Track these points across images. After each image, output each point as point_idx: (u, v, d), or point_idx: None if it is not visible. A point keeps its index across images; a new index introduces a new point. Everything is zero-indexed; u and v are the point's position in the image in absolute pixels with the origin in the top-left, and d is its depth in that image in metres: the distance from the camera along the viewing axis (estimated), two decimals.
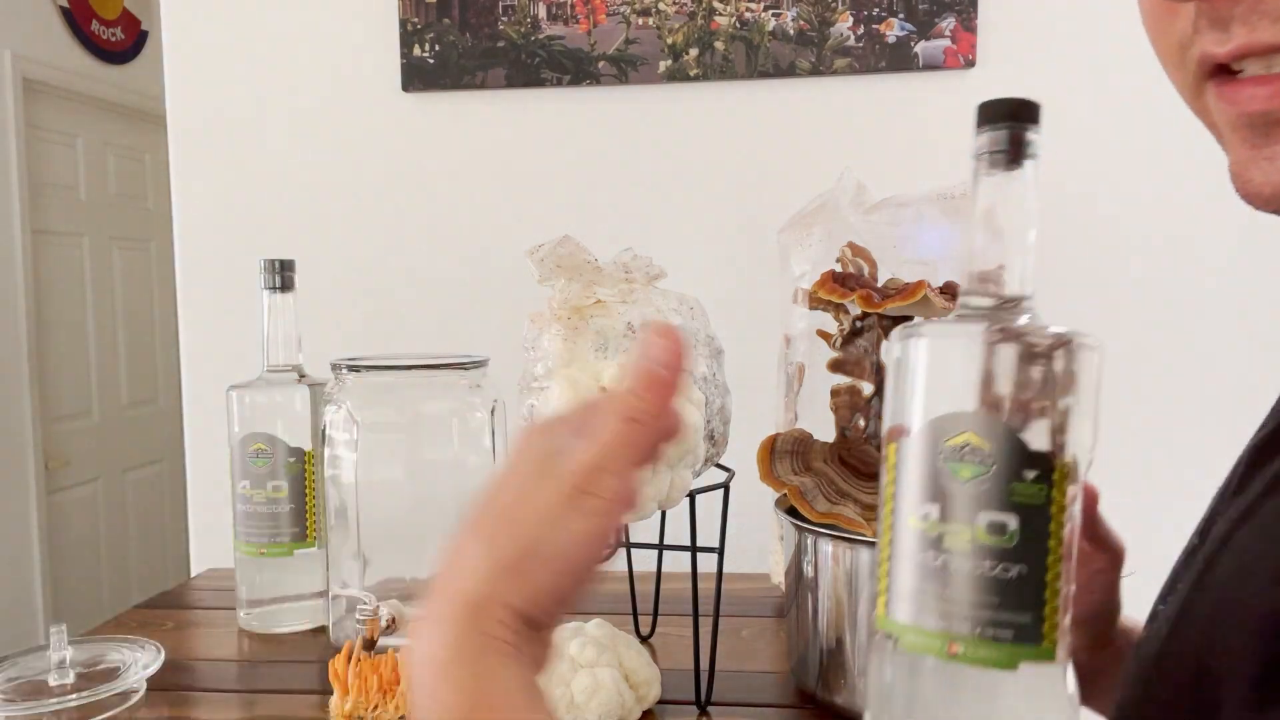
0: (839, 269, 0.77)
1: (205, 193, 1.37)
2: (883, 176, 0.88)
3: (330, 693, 0.77)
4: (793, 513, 0.76)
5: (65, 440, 2.82)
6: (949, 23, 1.22)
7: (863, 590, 0.71)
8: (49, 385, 2.75)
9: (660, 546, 0.84)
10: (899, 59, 1.23)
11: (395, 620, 0.84)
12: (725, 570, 0.76)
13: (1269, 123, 0.32)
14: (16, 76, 2.60)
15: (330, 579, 0.96)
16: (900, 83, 1.25)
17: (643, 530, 0.92)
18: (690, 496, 0.69)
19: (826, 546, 0.73)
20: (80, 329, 2.89)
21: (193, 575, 1.29)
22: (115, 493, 3.04)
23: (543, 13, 1.27)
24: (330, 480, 0.94)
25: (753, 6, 1.24)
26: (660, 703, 0.77)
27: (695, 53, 1.26)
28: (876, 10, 1.23)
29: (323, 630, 1.00)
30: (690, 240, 1.29)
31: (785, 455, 0.77)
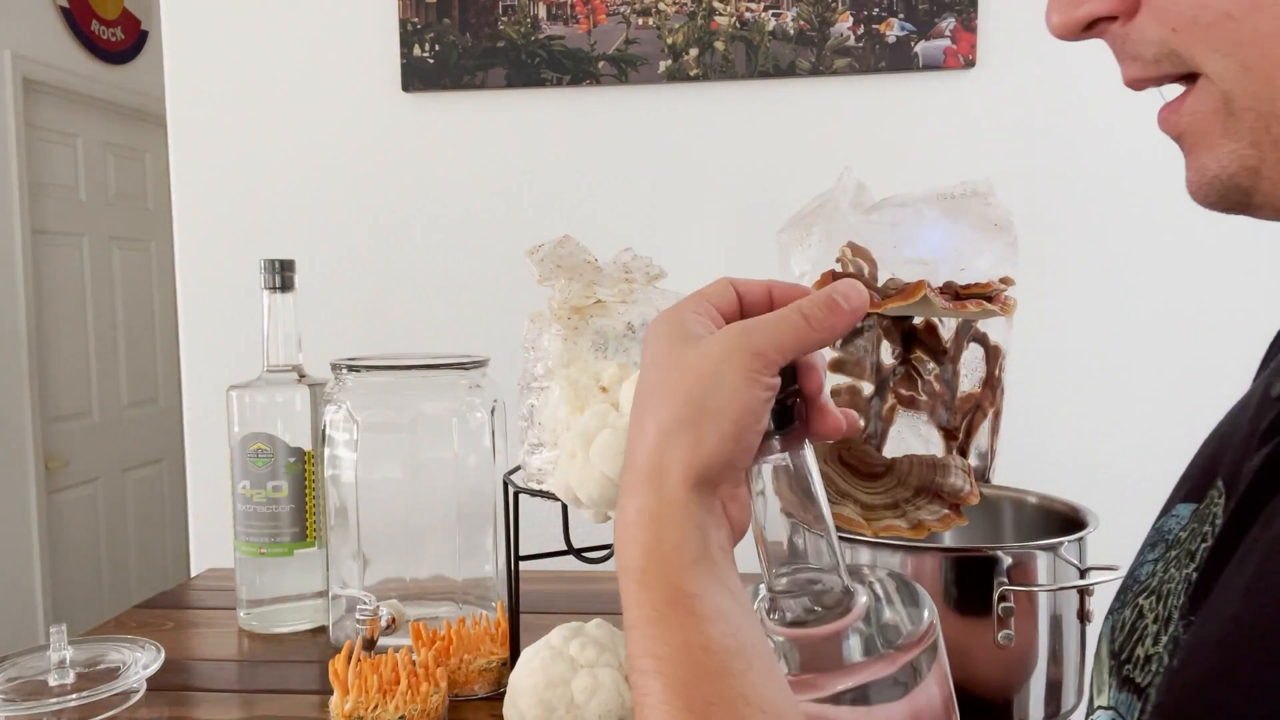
0: (839, 269, 0.77)
1: (205, 193, 1.37)
2: (883, 176, 0.88)
3: (330, 693, 0.77)
4: None
5: (65, 440, 2.82)
6: (949, 23, 1.22)
7: None
8: (49, 385, 2.75)
9: None
10: (899, 59, 1.23)
11: (395, 620, 0.85)
12: None
13: (1177, 140, 0.37)
14: (16, 76, 2.60)
15: (330, 579, 0.96)
16: (900, 83, 1.25)
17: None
18: None
19: None
20: (80, 329, 2.89)
21: (193, 575, 1.29)
22: (115, 493, 3.04)
23: (543, 13, 1.27)
24: (330, 480, 0.94)
25: (753, 6, 1.24)
26: None
27: (695, 53, 1.26)
28: (876, 10, 1.23)
29: (323, 630, 1.00)
30: (690, 240, 1.29)
31: None
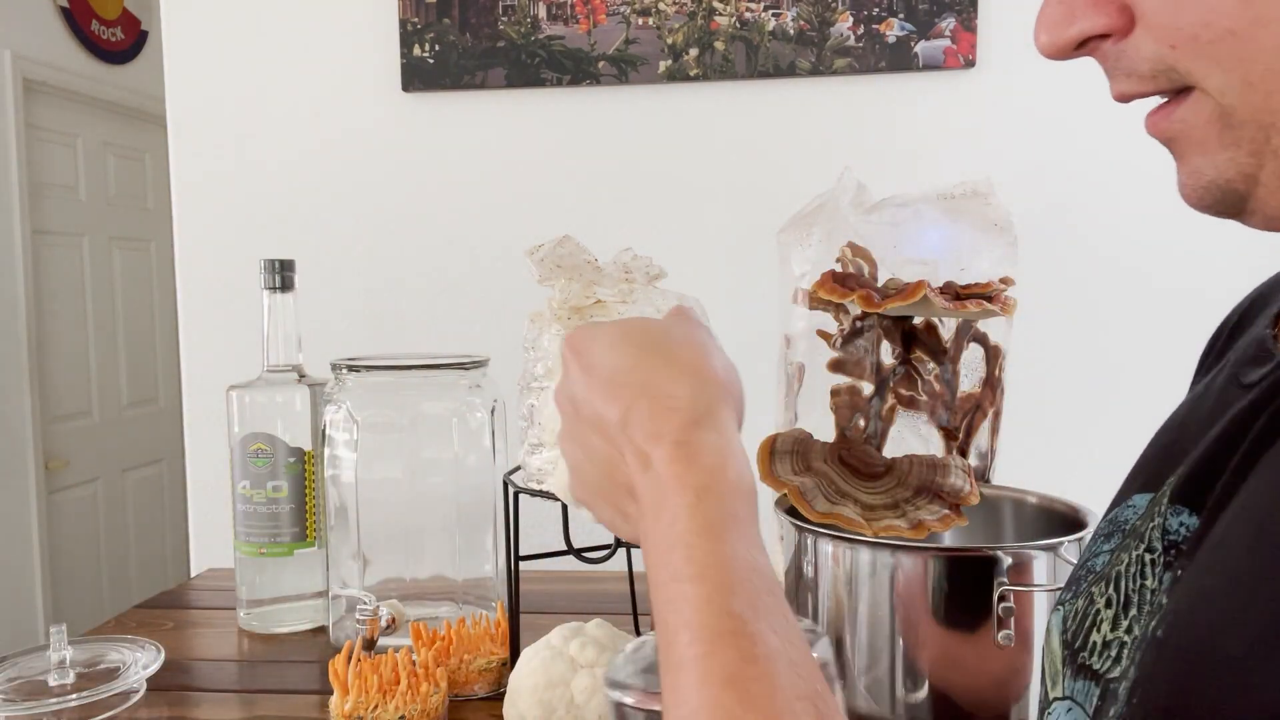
0: (839, 269, 0.77)
1: (205, 193, 1.37)
2: (883, 176, 0.88)
3: (330, 693, 0.77)
4: (792, 513, 0.76)
5: (65, 440, 2.82)
6: (949, 23, 1.22)
7: (863, 590, 0.71)
8: (49, 385, 2.75)
9: None
10: (899, 59, 1.23)
11: (395, 620, 0.85)
12: None
13: (1166, 144, 0.38)
14: (16, 76, 2.59)
15: (330, 579, 0.96)
16: (900, 83, 1.25)
17: None
18: None
19: (826, 547, 0.73)
20: (80, 329, 2.89)
21: (193, 575, 1.29)
22: (115, 493, 3.04)
23: (543, 13, 1.27)
24: (330, 480, 0.94)
25: (753, 6, 1.24)
26: None
27: (695, 53, 1.26)
28: (876, 10, 1.23)
29: (323, 630, 1.00)
30: (690, 240, 1.29)
31: (785, 455, 0.77)
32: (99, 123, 2.96)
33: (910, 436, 0.82)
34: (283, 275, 0.99)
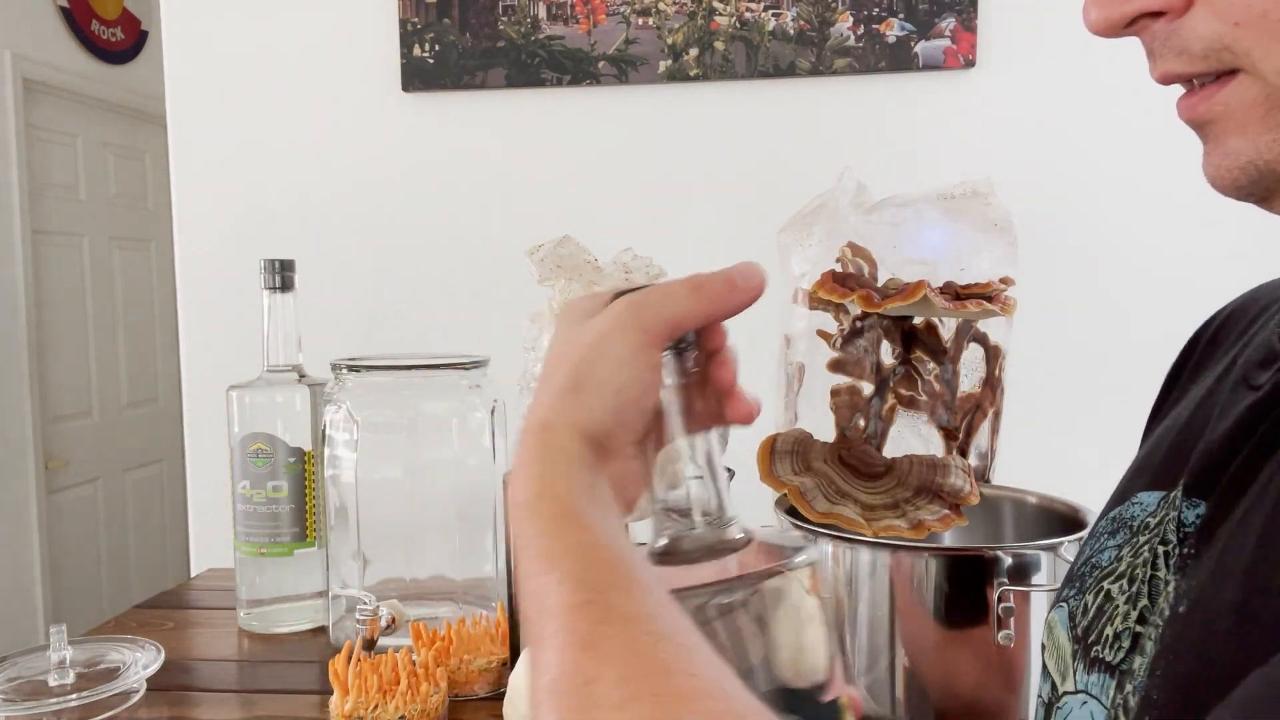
0: (839, 269, 0.77)
1: (205, 193, 1.37)
2: (883, 176, 0.88)
3: (330, 693, 0.77)
4: (793, 513, 0.76)
5: (65, 440, 2.82)
6: (949, 23, 1.22)
7: (863, 590, 0.71)
8: (49, 385, 2.75)
9: None
10: (899, 59, 1.23)
11: (395, 620, 0.85)
12: None
13: (1200, 127, 0.38)
14: (16, 76, 2.59)
15: (330, 579, 0.96)
16: (900, 83, 1.25)
17: (641, 530, 0.92)
18: None
19: (826, 546, 0.73)
20: (80, 329, 2.89)
21: (193, 575, 1.29)
22: (115, 493, 3.04)
23: (543, 13, 1.27)
24: (330, 480, 0.94)
25: (753, 6, 1.24)
26: None
27: (695, 53, 1.26)
28: (876, 10, 1.23)
29: (323, 630, 1.00)
30: (690, 240, 1.28)
31: (785, 455, 0.77)
32: (99, 123, 2.96)
33: (910, 436, 0.82)
34: (283, 275, 0.99)
